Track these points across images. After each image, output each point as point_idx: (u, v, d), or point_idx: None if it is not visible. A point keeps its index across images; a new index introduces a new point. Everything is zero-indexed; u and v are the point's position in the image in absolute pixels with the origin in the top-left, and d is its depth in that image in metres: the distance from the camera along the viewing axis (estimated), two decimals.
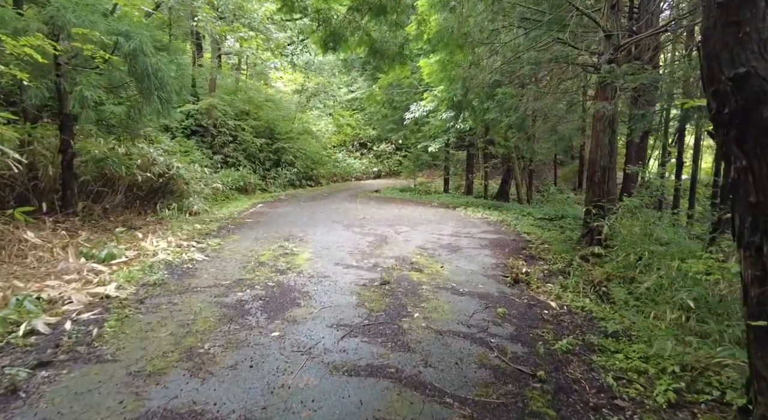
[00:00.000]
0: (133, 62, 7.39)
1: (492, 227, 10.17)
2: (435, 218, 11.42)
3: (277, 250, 7.17)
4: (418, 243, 8.08)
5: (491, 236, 8.97)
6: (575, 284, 6.01)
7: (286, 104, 24.25)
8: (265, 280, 5.47)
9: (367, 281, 5.47)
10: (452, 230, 9.58)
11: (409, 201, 15.78)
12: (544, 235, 8.95)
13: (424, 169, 20.46)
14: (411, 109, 13.19)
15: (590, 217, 7.79)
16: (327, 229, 9.20)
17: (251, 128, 19.28)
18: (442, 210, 13.28)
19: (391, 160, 27.02)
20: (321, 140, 25.06)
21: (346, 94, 27.80)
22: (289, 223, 9.85)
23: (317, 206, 13.29)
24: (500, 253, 7.49)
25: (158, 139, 13.12)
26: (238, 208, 12.71)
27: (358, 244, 7.77)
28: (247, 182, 17.01)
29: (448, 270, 6.19)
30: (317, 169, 22.08)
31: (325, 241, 7.95)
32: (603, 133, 7.73)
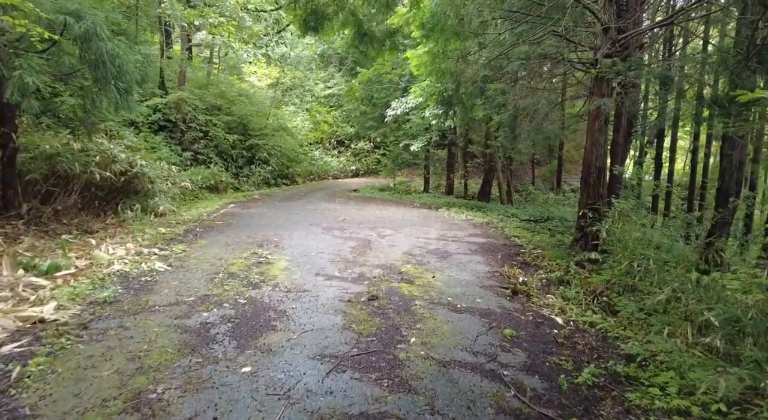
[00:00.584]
0: (85, 46, 6.49)
1: (479, 230, 9.66)
2: (419, 220, 10.84)
3: (250, 257, 6.43)
4: (405, 248, 7.47)
5: (480, 240, 8.45)
6: (576, 295, 5.53)
7: (261, 99, 23.25)
8: (235, 295, 4.75)
9: (352, 296, 4.82)
10: (438, 233, 9.01)
11: (389, 201, 15.17)
12: (535, 239, 8.49)
13: (403, 168, 19.89)
14: (392, 105, 12.60)
15: (585, 221, 7.34)
16: (305, 233, 8.49)
17: (223, 124, 18.31)
18: (425, 211, 12.73)
19: (370, 158, 26.35)
20: (297, 137, 24.16)
21: (323, 90, 26.94)
22: (263, 226, 9.09)
23: (294, 207, 12.52)
24: (492, 259, 6.96)
25: (121, 134, 12.11)
26: (208, 208, 11.83)
27: (339, 250, 7.11)
28: (219, 181, 16.08)
29: (440, 281, 5.60)
30: (293, 167, 21.23)
31: (303, 247, 7.25)
32: (599, 133, 7.29)
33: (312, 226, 9.37)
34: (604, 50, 6.97)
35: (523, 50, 8.01)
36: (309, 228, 9.05)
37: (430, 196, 16.90)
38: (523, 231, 9.40)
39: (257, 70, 27.83)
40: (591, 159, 7.40)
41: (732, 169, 7.55)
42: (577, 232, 7.75)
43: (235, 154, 18.49)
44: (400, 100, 12.63)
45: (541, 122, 10.40)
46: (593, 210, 7.31)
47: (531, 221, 11.21)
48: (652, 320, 4.88)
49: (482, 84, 7.73)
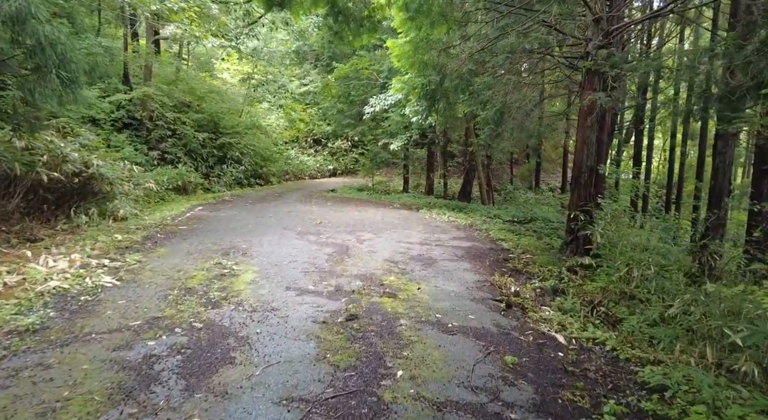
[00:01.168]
0: (19, 29, 5.65)
1: (462, 232, 9.13)
2: (399, 222, 10.25)
3: (213, 269, 5.70)
4: (386, 254, 6.86)
5: (465, 244, 7.91)
6: (573, 305, 5.03)
7: (233, 96, 22.25)
8: (190, 318, 4.04)
9: (328, 315, 4.18)
10: (421, 237, 8.44)
11: (368, 202, 14.54)
12: (522, 242, 8.00)
13: (382, 167, 19.29)
14: (371, 102, 11.96)
15: (576, 224, 6.89)
16: (277, 238, 7.78)
17: (193, 122, 17.34)
18: (405, 212, 12.15)
19: (347, 157, 25.64)
20: (271, 136, 23.25)
21: (298, 88, 26.06)
22: (231, 231, 8.33)
23: (266, 209, 11.76)
24: (480, 266, 6.42)
25: (76, 131, 11.13)
26: (173, 211, 10.96)
27: (315, 258, 6.44)
28: (187, 181, 15.14)
29: (427, 293, 5.01)
30: (267, 166, 20.34)
31: (274, 255, 6.55)
32: (591, 130, 6.84)
33: (285, 230, 8.67)
34: (596, 42, 6.52)
35: (509, 43, 7.50)
36: (282, 233, 8.34)
37: (410, 196, 16.35)
38: (509, 233, 8.92)
39: (230, 66, 26.76)
40: (582, 158, 6.95)
41: (725, 168, 7.21)
42: (567, 235, 7.29)
43: (205, 154, 17.55)
44: (379, 96, 12.02)
45: (524, 119, 9.98)
46: (585, 212, 6.87)
47: (515, 222, 10.77)
48: (658, 333, 4.42)
49: (468, 78, 7.19)
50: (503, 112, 7.62)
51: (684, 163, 17.16)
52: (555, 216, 11.27)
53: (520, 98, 7.67)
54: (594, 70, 6.49)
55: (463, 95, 7.85)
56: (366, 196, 16.32)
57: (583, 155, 6.91)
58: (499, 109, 7.45)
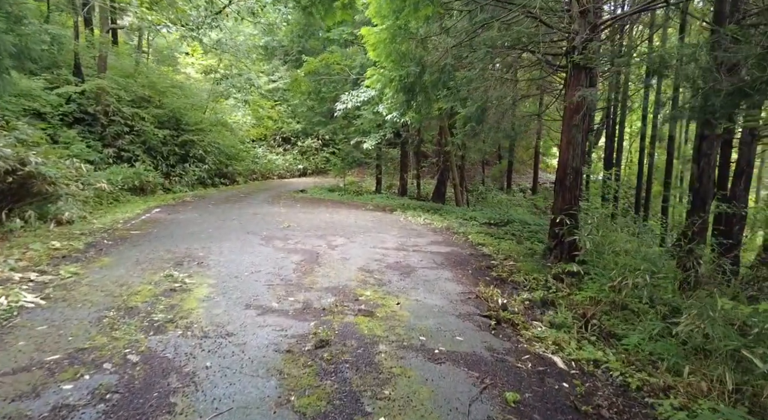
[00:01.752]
0: None
1: (440, 236, 8.63)
2: (373, 225, 9.66)
3: (162, 282, 4.94)
4: (360, 262, 6.25)
5: (444, 249, 7.39)
6: (565, 320, 4.57)
7: (197, 92, 21.06)
8: (125, 348, 3.32)
9: (293, 341, 3.54)
10: (397, 241, 7.87)
11: (340, 203, 13.87)
12: (503, 247, 7.56)
13: (354, 167, 18.64)
14: (342, 99, 11.31)
15: (562, 228, 6.47)
16: (239, 245, 7.04)
17: (153, 117, 16.22)
18: (379, 214, 11.57)
19: (318, 156, 24.83)
20: (238, 133, 22.19)
21: (266, 84, 25.04)
22: (189, 236, 7.53)
23: (230, 211, 10.92)
24: (462, 274, 5.90)
25: (12, 125, 10.01)
26: (127, 214, 10.00)
27: (280, 268, 5.76)
28: (145, 181, 14.08)
29: (407, 309, 4.43)
30: (233, 165, 19.34)
31: (234, 265, 5.83)
32: (577, 129, 6.44)
33: (249, 235, 7.92)
34: (582, 35, 6.11)
35: (490, 36, 7.02)
36: (245, 238, 7.59)
37: (383, 197, 15.78)
38: (488, 237, 8.47)
39: (194, 61, 25.43)
40: (567, 158, 6.54)
41: (710, 170, 6.97)
42: (550, 239, 6.88)
43: (166, 152, 16.46)
44: (351, 93, 11.38)
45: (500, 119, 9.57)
46: (570, 216, 6.46)
47: (492, 225, 10.36)
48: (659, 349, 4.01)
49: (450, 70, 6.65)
50: (485, 108, 7.15)
51: (652, 165, 17.31)
52: (531, 218, 10.97)
53: (500, 95, 7.23)
54: (582, 64, 6.08)
55: (443, 90, 7.31)
56: (338, 197, 15.65)
57: (568, 156, 6.50)
58: (480, 106, 6.96)
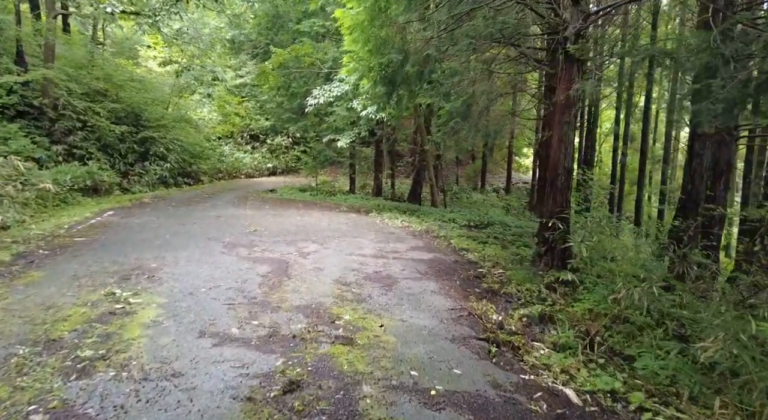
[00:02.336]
0: None
1: (420, 240, 8.03)
2: (348, 228, 8.97)
3: (101, 303, 4.13)
4: (335, 273, 5.57)
5: (426, 256, 6.80)
6: (568, 339, 4.05)
7: (158, 86, 19.74)
8: (29, 404, 2.53)
9: (256, 384, 2.84)
10: (375, 247, 7.22)
11: (312, 204, 13.10)
12: (488, 253, 7.03)
13: (326, 166, 17.85)
14: (314, 93, 10.57)
15: (553, 233, 5.99)
16: (198, 253, 6.23)
17: (108, 113, 14.99)
18: (354, 216, 10.88)
19: (288, 155, 23.84)
20: (203, 130, 20.99)
21: (233, 79, 23.86)
22: (141, 244, 6.65)
23: (191, 213, 10.00)
24: (450, 286, 5.31)
25: None
26: (74, 217, 8.97)
27: (244, 282, 5.01)
28: (99, 180, 12.92)
29: (393, 332, 3.79)
30: (197, 163, 18.20)
31: (190, 278, 5.04)
32: (568, 126, 5.96)
33: (211, 241, 7.10)
34: (575, 25, 5.63)
35: (474, 26, 6.46)
36: (205, 245, 6.77)
37: (357, 197, 15.09)
38: (471, 241, 7.94)
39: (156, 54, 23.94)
40: (559, 158, 6.05)
41: (702, 171, 6.65)
42: (540, 245, 6.39)
43: (123, 149, 15.26)
44: (323, 88, 10.66)
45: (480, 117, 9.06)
46: (561, 220, 5.98)
47: (472, 227, 9.87)
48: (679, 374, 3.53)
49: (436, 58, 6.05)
50: (470, 104, 6.60)
51: (624, 164, 17.31)
52: (510, 219, 10.58)
53: (484, 90, 6.70)
54: (576, 57, 5.60)
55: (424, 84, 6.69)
56: (309, 198, 14.85)
57: (560, 155, 6.02)
58: (466, 101, 6.41)
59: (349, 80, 10.45)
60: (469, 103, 6.59)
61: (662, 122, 20.78)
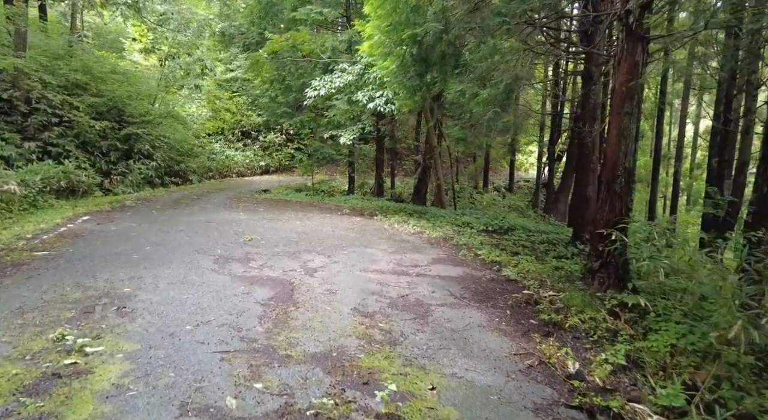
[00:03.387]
0: None
1: (441, 250, 6.96)
2: (355, 235, 7.88)
3: (45, 354, 2.99)
4: (353, 298, 4.48)
5: (454, 271, 5.73)
6: (677, 396, 3.01)
7: (143, 79, 18.36)
8: None
9: None
10: (391, 260, 6.14)
11: (310, 206, 11.96)
12: (526, 267, 5.97)
13: (324, 165, 16.69)
14: (313, 85, 9.42)
15: (609, 245, 4.95)
16: (183, 272, 5.09)
17: (88, 107, 13.70)
18: (358, 220, 9.77)
19: (282, 153, 22.62)
20: (192, 127, 19.67)
21: (224, 73, 22.53)
22: (115, 259, 5.49)
23: (178, 218, 8.81)
24: (498, 315, 4.25)
25: None
26: (42, 224, 7.77)
27: (240, 315, 3.90)
28: (76, 181, 11.65)
29: (451, 400, 2.71)
30: (186, 162, 16.94)
31: (172, 310, 3.91)
32: (629, 118, 4.92)
33: (199, 254, 5.95)
34: None
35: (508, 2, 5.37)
36: (192, 260, 5.62)
37: (358, 198, 13.97)
38: (499, 251, 6.89)
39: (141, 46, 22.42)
40: (618, 155, 5.00)
41: None
42: (592, 259, 5.34)
43: (105, 146, 13.98)
44: (323, 79, 9.52)
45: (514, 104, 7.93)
46: (620, 230, 4.94)
47: (491, 232, 8.83)
48: None
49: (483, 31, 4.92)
50: (512, 89, 5.52)
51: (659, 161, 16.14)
52: (530, 223, 9.57)
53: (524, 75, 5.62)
54: (641, 34, 4.55)
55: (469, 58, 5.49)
56: (307, 199, 13.71)
57: (619, 153, 4.97)
58: (509, 85, 5.31)
59: (353, 70, 9.33)
60: (510, 89, 5.50)
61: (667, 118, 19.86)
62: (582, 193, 6.63)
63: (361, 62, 9.36)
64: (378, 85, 8.85)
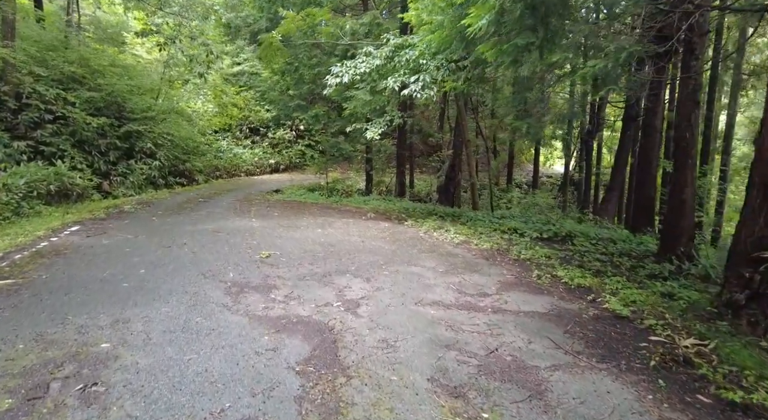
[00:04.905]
0: None
1: (505, 269, 5.57)
2: (390, 247, 6.50)
3: None
4: (424, 359, 3.10)
5: (538, 304, 4.33)
6: None
7: (145, 72, 16.98)
8: None
9: None
10: (448, 285, 4.75)
11: (328, 209, 10.58)
12: (628, 295, 4.54)
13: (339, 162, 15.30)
14: (334, 71, 8.04)
15: (761, 272, 3.53)
16: (185, 311, 3.73)
17: (85, 102, 12.41)
18: (387, 225, 8.39)
19: (292, 150, 21.21)
20: (197, 123, 18.32)
21: (230, 67, 21.13)
22: (98, 290, 4.15)
23: (181, 227, 7.46)
24: (647, 390, 2.83)
25: None
26: (21, 237, 6.49)
27: (267, 397, 2.53)
28: (70, 184, 10.36)
29: None
30: (191, 161, 15.61)
31: (165, 387, 2.55)
32: None
33: (205, 279, 4.60)
34: None
35: None
36: (198, 289, 4.26)
37: (379, 199, 12.57)
38: (577, 270, 5.47)
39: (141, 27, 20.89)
40: None
41: None
42: (732, 288, 3.92)
43: (104, 145, 12.69)
44: (345, 64, 8.13)
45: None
46: None
47: (547, 241, 7.42)
48: None
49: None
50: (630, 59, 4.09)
51: None
52: (588, 228, 8.17)
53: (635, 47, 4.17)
54: None
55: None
56: (322, 200, 12.33)
57: None
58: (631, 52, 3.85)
59: (380, 53, 7.91)
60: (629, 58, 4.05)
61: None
62: (678, 194, 5.22)
63: (389, 44, 7.94)
64: (411, 68, 7.43)
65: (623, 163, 10.06)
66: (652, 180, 7.38)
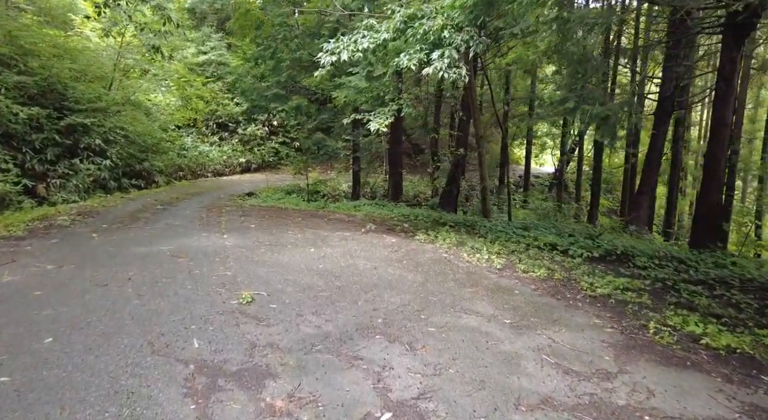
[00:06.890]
0: None
1: (594, 315, 3.90)
2: (414, 276, 4.72)
3: None
4: None
5: (701, 399, 2.67)
6: None
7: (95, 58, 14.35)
8: None
9: None
10: (537, 354, 3.04)
11: (314, 216, 8.66)
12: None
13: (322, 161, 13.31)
14: (328, 48, 6.16)
15: None
16: None
17: (12, 89, 9.99)
18: (394, 241, 6.58)
19: (265, 147, 18.95)
20: (158, 117, 15.84)
21: (195, 56, 18.64)
22: None
23: (127, 250, 5.38)
24: None
25: None
26: None
27: None
28: None
29: None
30: (150, 160, 13.23)
31: None
32: None
33: (154, 359, 2.65)
34: None
35: None
36: (137, 387, 2.31)
37: (370, 204, 10.72)
38: (699, 318, 3.86)
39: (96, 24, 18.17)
40: None
41: None
42: None
43: (39, 141, 10.29)
44: (341, 39, 6.29)
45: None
46: None
47: (602, 261, 5.84)
48: None
49: None
50: None
51: None
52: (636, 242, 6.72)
53: None
54: None
55: None
56: (306, 206, 10.37)
57: None
58: None
59: (390, 25, 6.09)
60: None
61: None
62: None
63: (399, 14, 6.12)
64: (431, 42, 5.66)
65: (656, 164, 8.70)
66: (718, 186, 5.99)
